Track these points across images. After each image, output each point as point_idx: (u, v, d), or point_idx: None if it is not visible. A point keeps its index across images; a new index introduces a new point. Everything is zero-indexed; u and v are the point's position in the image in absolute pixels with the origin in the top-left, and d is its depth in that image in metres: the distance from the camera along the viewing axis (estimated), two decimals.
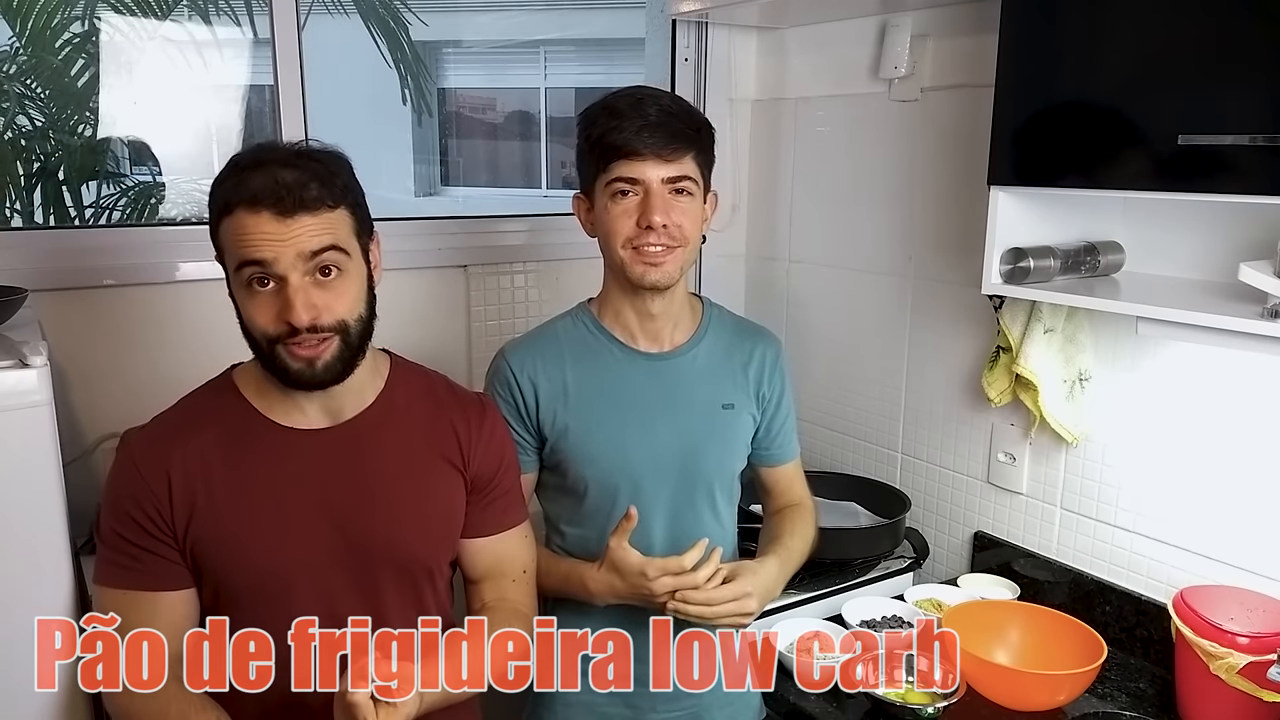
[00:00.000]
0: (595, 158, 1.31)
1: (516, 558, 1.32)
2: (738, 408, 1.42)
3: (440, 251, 2.00)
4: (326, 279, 1.10)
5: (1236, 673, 1.26)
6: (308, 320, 1.07)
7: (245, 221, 1.06)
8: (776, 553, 1.38)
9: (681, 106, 1.33)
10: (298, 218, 1.06)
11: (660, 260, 1.31)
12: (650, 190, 1.29)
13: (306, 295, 1.08)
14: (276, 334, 1.09)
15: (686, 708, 1.42)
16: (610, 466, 1.36)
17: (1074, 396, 1.63)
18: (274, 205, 1.06)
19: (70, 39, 2.78)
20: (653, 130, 1.27)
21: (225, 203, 1.08)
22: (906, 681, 1.46)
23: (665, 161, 1.28)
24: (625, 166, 1.28)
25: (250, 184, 1.07)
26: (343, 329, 1.11)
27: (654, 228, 1.28)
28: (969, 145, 1.76)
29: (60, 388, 1.27)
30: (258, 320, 1.09)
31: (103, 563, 1.15)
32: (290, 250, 1.06)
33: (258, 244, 1.06)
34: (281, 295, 1.07)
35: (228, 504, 1.13)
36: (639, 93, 1.32)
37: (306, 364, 1.10)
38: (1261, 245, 1.33)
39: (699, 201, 1.34)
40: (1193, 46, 1.20)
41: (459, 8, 6.27)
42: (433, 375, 1.30)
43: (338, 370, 1.12)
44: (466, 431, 1.25)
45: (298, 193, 1.06)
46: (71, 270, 1.66)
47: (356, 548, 1.17)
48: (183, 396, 1.20)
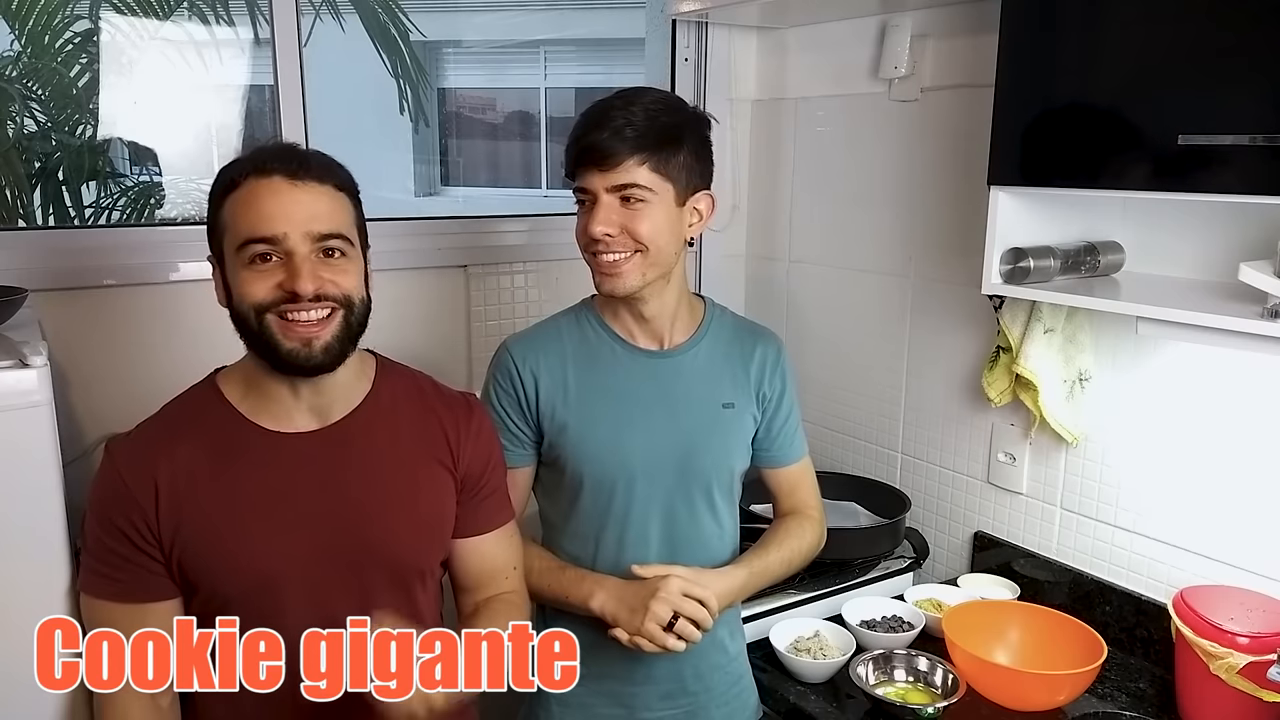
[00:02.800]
0: (567, 166, 1.32)
1: (506, 556, 1.32)
2: (738, 407, 1.42)
3: (440, 251, 2.00)
4: (330, 259, 1.09)
5: (1236, 673, 1.26)
6: (313, 289, 1.06)
7: (256, 189, 1.06)
8: (749, 563, 1.38)
9: (652, 112, 1.28)
10: (308, 184, 1.07)
11: (615, 270, 1.29)
12: (598, 200, 1.28)
13: (313, 266, 1.07)
14: (269, 300, 1.06)
15: (682, 706, 1.42)
16: (607, 463, 1.36)
17: (1074, 396, 1.63)
18: (285, 169, 1.07)
19: (70, 39, 2.78)
20: (606, 140, 1.25)
21: (232, 179, 1.08)
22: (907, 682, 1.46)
23: (602, 171, 1.27)
24: (581, 176, 1.29)
25: (261, 155, 1.09)
26: (347, 303, 1.10)
27: (596, 238, 1.28)
28: (969, 145, 1.76)
29: (60, 388, 1.26)
30: (252, 291, 1.06)
31: (86, 571, 1.14)
32: (299, 227, 1.06)
33: (268, 216, 1.05)
34: (287, 266, 1.06)
35: (216, 511, 1.11)
36: (619, 98, 1.29)
37: (302, 344, 1.07)
38: (1261, 245, 1.33)
39: (662, 207, 1.29)
40: (1192, 46, 1.20)
41: (459, 8, 6.27)
42: (418, 375, 1.29)
43: (335, 353, 1.10)
44: (455, 431, 1.24)
45: (309, 161, 1.09)
46: (71, 270, 1.66)
47: (348, 551, 1.16)
48: (166, 403, 1.18)
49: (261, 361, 1.12)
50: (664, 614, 1.25)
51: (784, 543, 1.43)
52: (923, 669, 1.48)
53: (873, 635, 1.57)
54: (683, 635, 1.25)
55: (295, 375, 1.12)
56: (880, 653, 1.50)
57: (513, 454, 1.39)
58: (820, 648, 1.55)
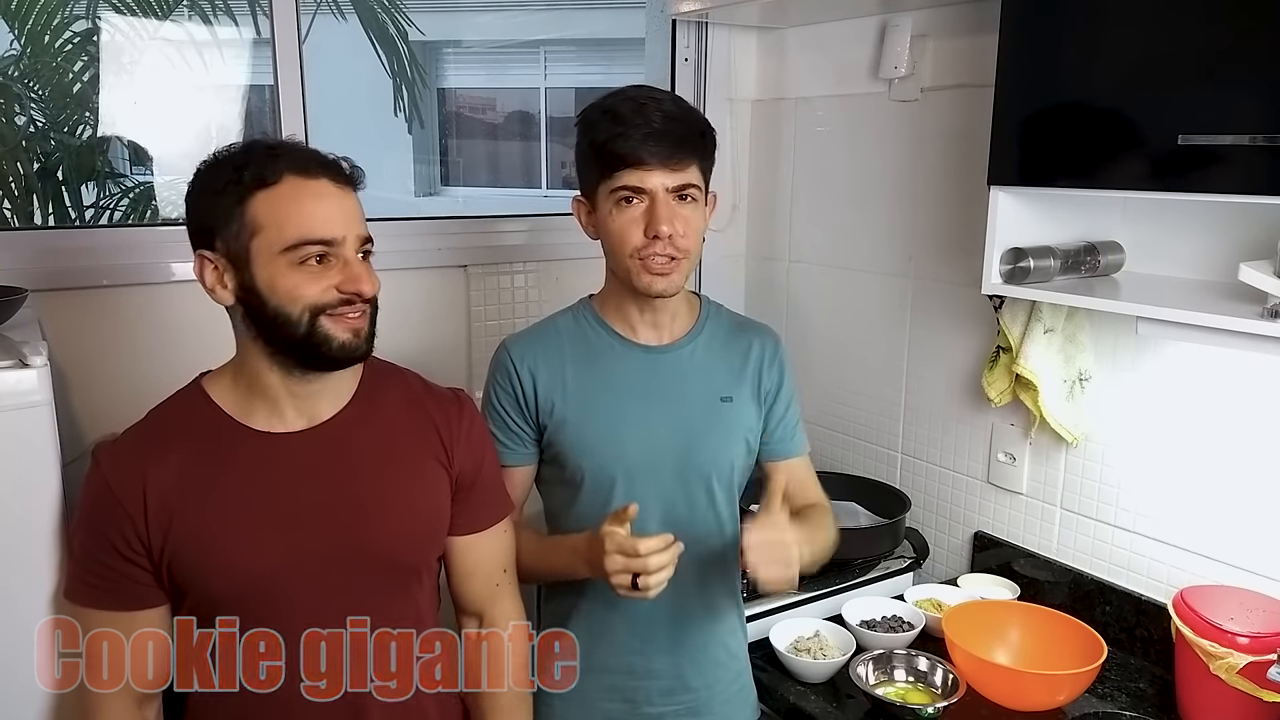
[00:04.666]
0: (599, 164, 1.29)
1: (504, 552, 1.32)
2: (736, 400, 1.42)
3: (440, 251, 2.00)
4: (365, 260, 1.14)
5: (1236, 673, 1.26)
6: (370, 291, 1.11)
7: (302, 190, 1.07)
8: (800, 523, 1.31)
9: (684, 111, 1.32)
10: (347, 188, 1.12)
11: (667, 270, 1.31)
12: (656, 199, 1.28)
13: (365, 269, 1.12)
14: (327, 302, 1.09)
15: (684, 702, 1.42)
16: (606, 457, 1.36)
17: (1074, 396, 1.63)
18: (330, 172, 1.10)
19: (70, 39, 2.78)
20: (659, 138, 1.26)
21: (261, 177, 1.07)
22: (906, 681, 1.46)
23: (671, 171, 1.28)
24: (630, 175, 1.27)
25: (295, 155, 1.10)
26: (374, 304, 1.14)
27: (661, 237, 1.28)
28: (969, 145, 1.76)
29: (60, 388, 1.27)
30: (306, 292, 1.08)
31: (73, 579, 1.14)
32: (351, 230, 1.10)
33: (328, 220, 1.08)
34: (343, 269, 1.09)
35: (207, 515, 1.11)
36: (641, 96, 1.30)
37: (354, 334, 1.11)
38: (1261, 245, 1.33)
39: (701, 207, 1.34)
40: (1192, 46, 1.20)
41: (459, 8, 6.27)
42: (406, 372, 1.29)
43: (372, 341, 1.15)
44: (447, 427, 1.24)
45: (340, 165, 1.12)
46: (71, 270, 1.66)
47: (342, 550, 1.15)
48: (152, 409, 1.17)
49: (276, 360, 1.12)
50: (623, 578, 1.19)
51: (818, 523, 1.40)
52: (923, 669, 1.48)
53: (873, 635, 1.57)
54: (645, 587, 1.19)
55: (337, 369, 1.15)
56: (880, 653, 1.50)
57: (514, 453, 1.39)
58: (820, 648, 1.55)
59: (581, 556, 1.27)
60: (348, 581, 1.16)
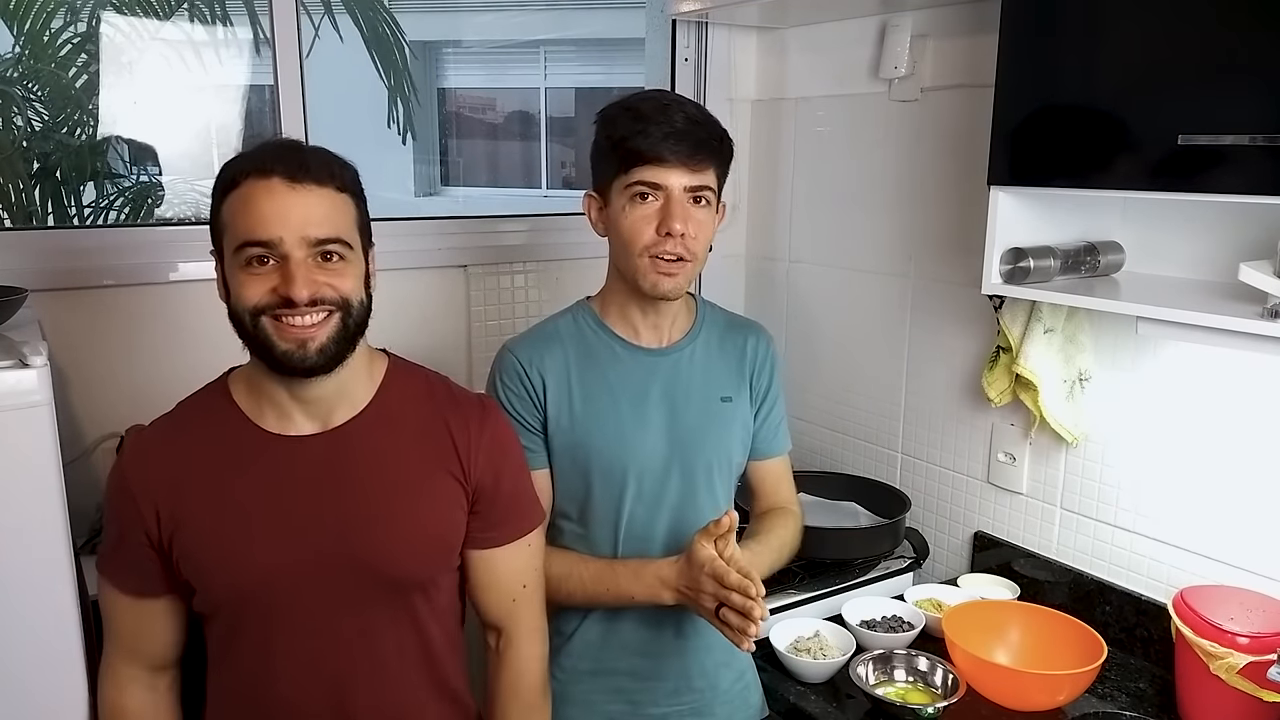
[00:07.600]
0: (618, 159, 1.30)
1: (524, 567, 1.26)
2: (735, 400, 1.43)
3: (440, 251, 2.00)
4: (328, 262, 1.08)
5: (1236, 673, 1.26)
6: (308, 295, 1.04)
7: (254, 191, 1.05)
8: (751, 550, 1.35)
9: (706, 116, 1.33)
10: (307, 186, 1.05)
11: (674, 271, 1.31)
12: (671, 197, 1.29)
13: (308, 271, 1.06)
14: (265, 304, 1.05)
15: (688, 703, 1.42)
16: (614, 461, 1.36)
17: (1074, 396, 1.63)
18: (285, 171, 1.05)
19: (70, 39, 2.78)
20: (680, 138, 1.27)
21: (233, 178, 1.07)
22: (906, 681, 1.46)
23: (690, 171, 1.29)
24: (649, 171, 1.28)
25: (263, 154, 1.07)
26: (344, 305, 1.08)
27: (674, 234, 1.28)
28: (969, 145, 1.76)
29: (60, 388, 1.26)
30: (248, 294, 1.05)
31: (102, 553, 1.19)
32: (295, 232, 1.04)
33: (265, 220, 1.04)
34: (282, 271, 1.05)
35: (215, 512, 1.11)
36: (664, 98, 1.33)
37: (297, 345, 1.06)
38: (1261, 245, 1.33)
39: (713, 213, 1.35)
40: (1192, 46, 1.20)
41: (459, 8, 6.28)
42: (432, 377, 1.25)
43: (331, 354, 1.08)
44: (465, 438, 1.19)
45: (309, 163, 1.07)
46: (71, 270, 1.66)
47: (344, 561, 1.13)
48: (181, 400, 1.19)
49: (260, 362, 1.12)
50: (712, 605, 1.24)
51: (769, 541, 1.42)
52: (923, 669, 1.48)
53: (873, 635, 1.57)
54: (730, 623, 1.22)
55: (291, 377, 1.10)
56: (880, 653, 1.50)
57: (538, 455, 1.37)
58: (820, 648, 1.55)
59: (670, 584, 1.28)
60: (345, 591, 1.14)
